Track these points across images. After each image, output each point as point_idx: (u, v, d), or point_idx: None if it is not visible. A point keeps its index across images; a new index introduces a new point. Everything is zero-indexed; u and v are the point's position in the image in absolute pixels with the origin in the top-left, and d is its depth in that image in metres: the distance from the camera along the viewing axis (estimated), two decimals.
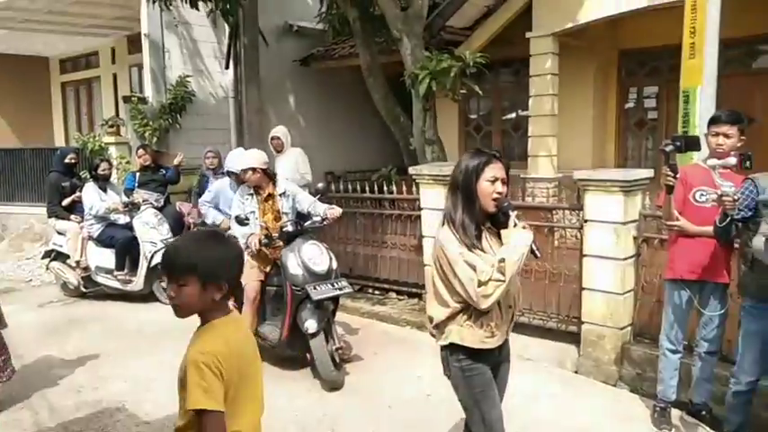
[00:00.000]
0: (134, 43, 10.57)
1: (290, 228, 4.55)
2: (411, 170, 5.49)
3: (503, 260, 2.22)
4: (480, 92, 6.06)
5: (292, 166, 6.57)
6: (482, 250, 2.31)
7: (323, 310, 4.37)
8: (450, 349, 2.41)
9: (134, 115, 8.78)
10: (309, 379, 4.40)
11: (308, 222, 4.68)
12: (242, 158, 4.85)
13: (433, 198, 5.34)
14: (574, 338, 4.71)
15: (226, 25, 9.01)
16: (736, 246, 3.42)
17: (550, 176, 7.81)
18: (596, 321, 4.47)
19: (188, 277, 1.70)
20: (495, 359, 2.48)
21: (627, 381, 4.35)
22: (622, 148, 9.00)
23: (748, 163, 3.17)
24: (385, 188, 6.33)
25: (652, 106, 8.81)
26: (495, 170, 2.33)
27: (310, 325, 4.25)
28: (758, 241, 2.73)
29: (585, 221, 4.46)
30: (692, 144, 3.39)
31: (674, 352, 3.65)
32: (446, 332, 2.38)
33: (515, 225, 2.32)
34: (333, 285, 4.43)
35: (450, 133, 9.94)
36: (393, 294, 6.44)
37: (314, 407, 3.97)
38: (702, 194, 3.42)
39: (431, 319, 2.44)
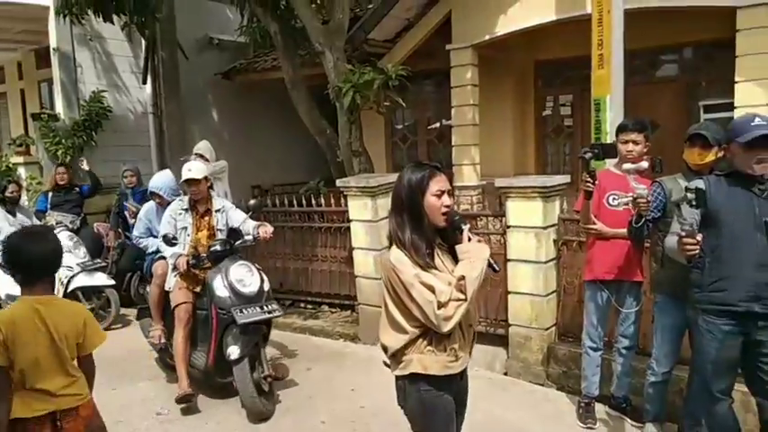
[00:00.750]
0: (43, 57, 10.04)
1: (218, 247, 4.29)
2: (338, 182, 5.50)
3: (462, 278, 2.08)
4: (404, 104, 6.15)
5: (216, 183, 6.41)
6: (436, 269, 2.17)
7: (249, 334, 4.06)
8: (410, 380, 2.21)
9: (45, 133, 8.33)
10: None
11: (239, 241, 4.43)
12: (186, 170, 4.47)
13: (361, 210, 5.36)
14: (502, 341, 4.84)
15: (142, 39, 8.73)
16: (647, 245, 3.65)
17: (474, 184, 8.01)
18: (522, 323, 4.61)
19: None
20: (458, 385, 2.31)
21: (554, 379, 4.50)
22: (541, 155, 9.37)
23: (659, 167, 3.33)
24: (313, 201, 6.30)
25: (567, 114, 9.21)
26: (439, 183, 2.20)
27: (233, 351, 3.95)
28: (670, 240, 2.86)
29: (508, 227, 4.60)
30: (608, 151, 3.55)
31: (595, 350, 3.81)
32: (404, 361, 2.19)
33: (470, 239, 2.20)
34: (262, 308, 4.13)
35: (377, 144, 10.03)
36: (326, 307, 6.41)
37: (247, 427, 3.87)
38: (615, 198, 3.60)
39: (385, 349, 2.25)
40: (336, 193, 5.95)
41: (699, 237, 2.60)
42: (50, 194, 6.90)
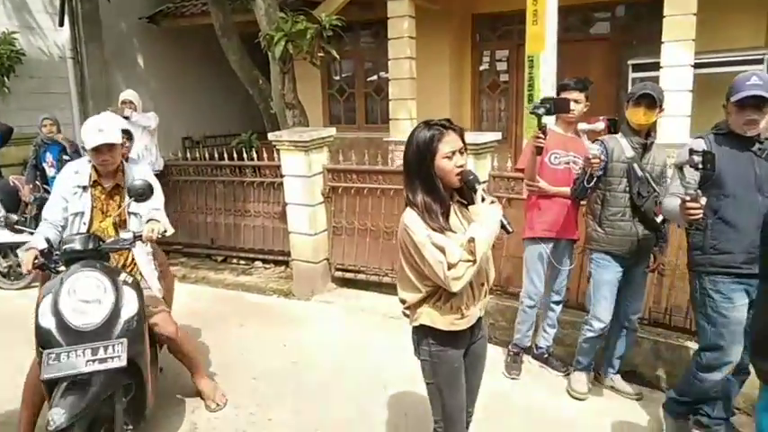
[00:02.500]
0: None
1: (76, 245, 2.86)
2: (270, 136, 5.34)
3: (472, 239, 2.08)
4: (338, 56, 5.97)
5: (140, 134, 6.10)
6: (452, 230, 2.17)
7: (78, 391, 2.57)
8: (421, 331, 2.29)
9: None
10: None
11: (109, 241, 3.04)
12: (94, 129, 3.06)
13: (295, 164, 5.25)
14: None
15: None
16: (583, 203, 3.71)
17: None
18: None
19: None
20: (468, 341, 2.36)
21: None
22: (477, 110, 9.44)
23: (614, 128, 3.27)
24: (245, 155, 6.12)
25: (504, 69, 9.27)
26: (450, 143, 2.13)
27: (54, 415, 2.46)
28: (670, 202, 2.77)
29: None
30: (560, 106, 3.49)
31: (532, 307, 3.88)
32: (417, 314, 2.27)
33: (483, 200, 2.18)
34: (96, 352, 2.60)
35: (313, 96, 9.82)
36: (259, 263, 6.33)
37: (178, 383, 3.81)
38: (556, 157, 3.63)
39: (403, 302, 2.31)
40: (270, 146, 5.81)
41: (702, 201, 2.51)
42: None
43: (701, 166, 2.46)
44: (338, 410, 3.48)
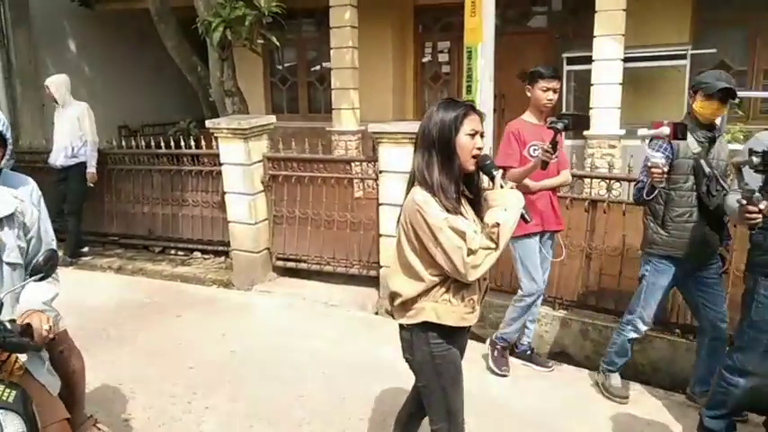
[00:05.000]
0: None
1: None
2: (208, 123, 5.25)
3: (497, 225, 1.94)
4: (278, 43, 5.92)
5: (72, 123, 5.89)
6: (463, 215, 2.03)
7: None
8: (419, 329, 2.07)
9: None
10: None
11: None
12: None
13: (234, 153, 5.18)
14: (374, 282, 4.98)
15: None
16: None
17: (353, 129, 8.02)
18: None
19: None
20: (465, 339, 2.21)
21: None
22: (420, 101, 9.54)
23: (682, 134, 2.89)
24: (182, 143, 6.00)
25: (446, 61, 9.41)
26: (473, 123, 2.03)
27: None
28: (731, 202, 2.61)
29: (381, 172, 4.67)
30: (579, 122, 3.36)
31: (531, 304, 3.70)
32: (415, 309, 2.05)
33: (502, 186, 2.05)
34: None
35: (255, 84, 9.71)
36: (198, 254, 6.22)
37: (113, 375, 3.73)
38: (535, 149, 3.45)
39: (395, 297, 2.10)
40: (209, 134, 5.71)
41: (762, 205, 2.32)
42: None
43: (760, 167, 2.30)
44: (276, 397, 3.49)
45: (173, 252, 6.30)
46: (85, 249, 6.29)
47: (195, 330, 4.48)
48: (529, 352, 3.89)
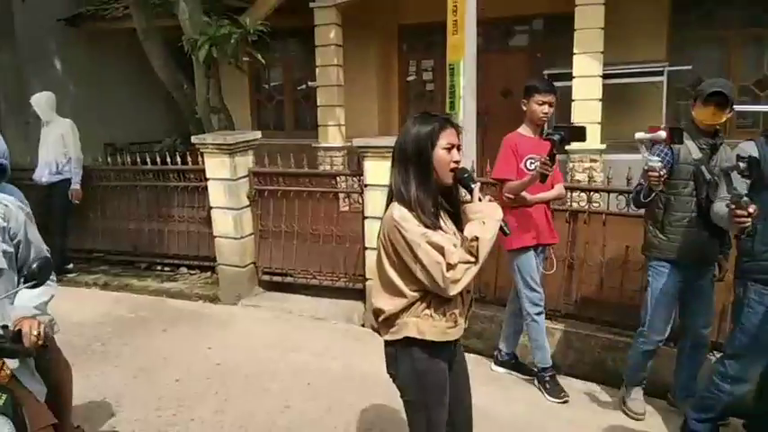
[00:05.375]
0: None
1: None
2: (194, 139, 5.29)
3: (476, 239, 1.94)
4: (264, 61, 6.00)
5: (57, 140, 5.91)
6: (442, 230, 2.03)
7: None
8: (403, 345, 2.06)
9: None
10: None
11: None
12: None
13: (219, 168, 5.22)
14: (360, 295, 5.01)
15: None
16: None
17: (339, 145, 8.10)
18: None
19: None
20: (451, 353, 2.19)
21: None
22: (405, 117, 9.65)
23: (678, 138, 2.95)
24: (168, 159, 6.03)
25: (429, 78, 9.55)
26: (449, 136, 2.02)
27: None
28: (720, 209, 2.63)
29: (365, 186, 4.73)
30: (576, 134, 3.28)
31: (540, 314, 3.65)
32: (398, 325, 2.05)
33: (480, 199, 2.05)
34: None
35: (242, 102, 9.78)
36: (184, 269, 6.21)
37: (99, 388, 3.72)
38: (532, 162, 3.44)
39: (378, 313, 2.09)
40: (195, 150, 5.75)
41: (751, 209, 2.34)
42: None
43: (746, 173, 2.35)
44: (262, 408, 3.50)
45: (159, 268, 6.28)
46: (71, 266, 6.27)
47: (181, 344, 4.48)
48: (513, 361, 3.96)
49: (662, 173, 2.88)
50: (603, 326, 4.05)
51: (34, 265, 1.94)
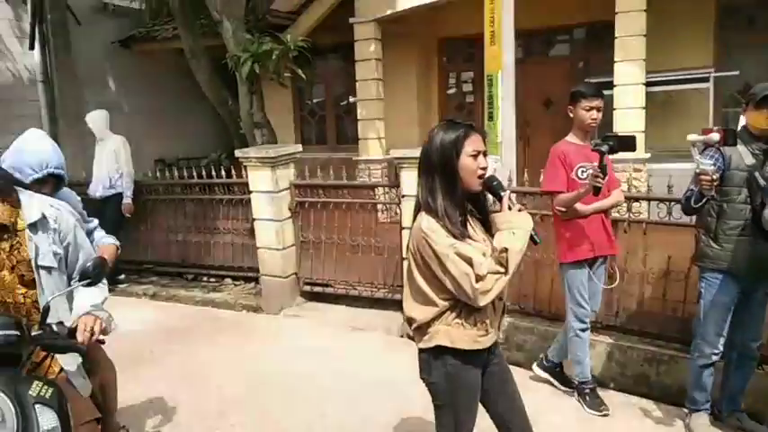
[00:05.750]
0: None
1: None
2: (238, 153, 5.47)
3: (505, 250, 1.93)
4: (304, 75, 6.16)
5: (109, 156, 6.21)
6: (471, 239, 2.02)
7: None
8: (435, 352, 2.09)
9: None
10: None
11: (37, 334, 1.93)
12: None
13: (262, 180, 5.37)
14: (399, 306, 5.03)
15: (28, 1, 8.19)
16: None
17: (379, 158, 8.18)
18: None
19: None
20: (485, 359, 2.18)
21: None
22: None
23: (732, 139, 2.86)
24: (213, 173, 6.23)
25: (469, 90, 9.56)
26: (475, 143, 2.02)
27: None
28: None
29: (403, 196, 4.78)
30: (625, 144, 3.17)
31: (584, 330, 3.58)
32: (430, 333, 2.07)
33: (510, 207, 2.04)
34: None
35: (286, 118, 10.01)
36: (229, 280, 6.38)
37: (146, 393, 3.87)
38: (584, 171, 3.33)
39: (411, 321, 2.12)
40: (239, 164, 5.92)
41: None
42: None
43: None
44: (300, 416, 3.57)
45: (205, 279, 6.48)
46: (122, 277, 6.51)
47: (224, 352, 4.61)
48: (558, 369, 3.86)
49: (714, 177, 2.79)
50: (646, 338, 3.96)
51: (89, 264, 2.05)
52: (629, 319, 4.10)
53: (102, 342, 2.12)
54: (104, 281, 2.22)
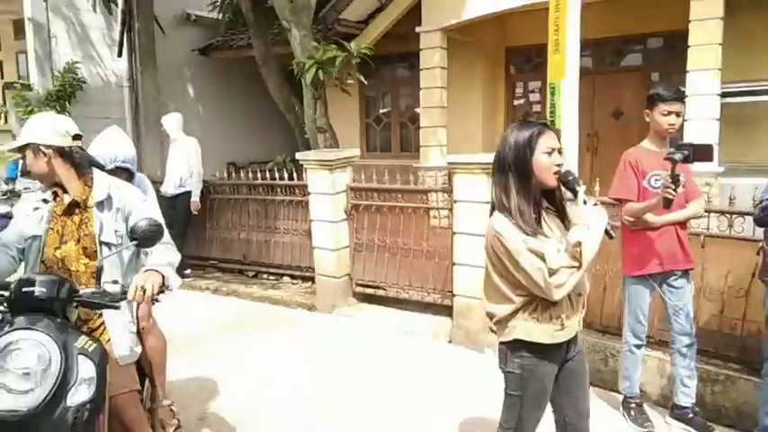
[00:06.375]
0: (21, 28, 10.07)
1: (38, 290, 2.00)
2: (298, 155, 5.66)
3: (579, 243, 1.94)
4: (365, 80, 6.30)
5: (181, 156, 6.57)
6: (544, 235, 2.06)
7: None
8: (513, 345, 2.15)
9: (18, 102, 8.40)
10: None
11: (87, 292, 2.13)
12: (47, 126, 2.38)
13: (320, 183, 5.53)
14: (448, 311, 5.05)
15: (119, 11, 8.81)
16: None
17: (440, 165, 8.19)
18: (466, 294, 4.82)
19: None
20: (563, 356, 2.20)
21: (495, 348, 4.71)
22: None
23: None
24: (276, 174, 6.47)
25: (536, 100, 9.43)
26: (549, 140, 2.05)
27: None
28: None
29: (455, 202, 4.80)
30: (702, 153, 2.97)
31: (639, 347, 3.46)
32: (509, 327, 2.12)
33: (585, 202, 2.03)
34: None
35: (352, 125, 10.22)
36: (287, 279, 6.59)
37: (198, 379, 4.07)
38: (657, 179, 3.12)
39: (491, 317, 2.18)
40: (301, 168, 6.12)
41: None
42: (20, 162, 7.01)
43: None
44: (343, 414, 3.64)
45: (264, 276, 6.72)
46: (188, 271, 6.84)
47: (277, 347, 4.77)
48: (691, 415, 3.40)
49: None
50: (702, 356, 3.78)
51: (140, 222, 2.17)
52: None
53: (157, 300, 2.26)
54: (171, 243, 2.45)
